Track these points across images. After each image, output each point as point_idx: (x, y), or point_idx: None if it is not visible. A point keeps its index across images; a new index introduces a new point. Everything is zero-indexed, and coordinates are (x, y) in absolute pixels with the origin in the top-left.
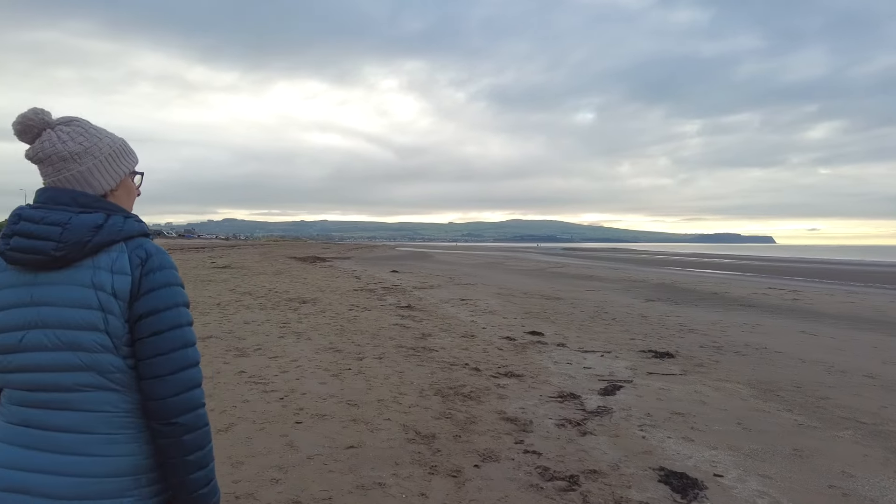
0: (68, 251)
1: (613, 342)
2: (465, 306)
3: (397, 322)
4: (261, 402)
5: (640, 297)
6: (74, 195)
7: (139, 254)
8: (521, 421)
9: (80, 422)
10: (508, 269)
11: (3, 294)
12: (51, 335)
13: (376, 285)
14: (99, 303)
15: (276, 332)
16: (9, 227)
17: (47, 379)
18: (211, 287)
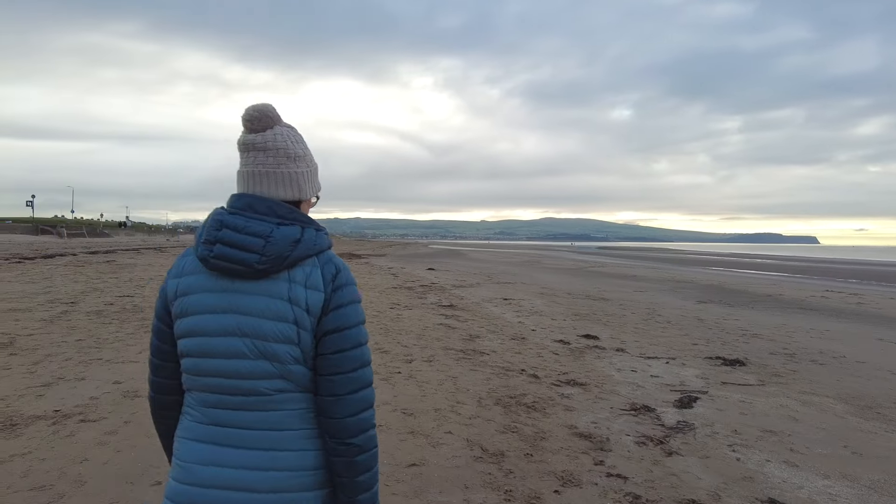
0: (270, 265)
1: (675, 347)
2: (509, 306)
3: (441, 322)
4: None
5: (691, 299)
6: (271, 205)
7: (330, 269)
8: (596, 437)
9: (272, 419)
10: (546, 268)
11: (201, 298)
12: (248, 343)
13: (415, 283)
14: (294, 317)
15: None
16: (210, 232)
17: (243, 384)
18: None
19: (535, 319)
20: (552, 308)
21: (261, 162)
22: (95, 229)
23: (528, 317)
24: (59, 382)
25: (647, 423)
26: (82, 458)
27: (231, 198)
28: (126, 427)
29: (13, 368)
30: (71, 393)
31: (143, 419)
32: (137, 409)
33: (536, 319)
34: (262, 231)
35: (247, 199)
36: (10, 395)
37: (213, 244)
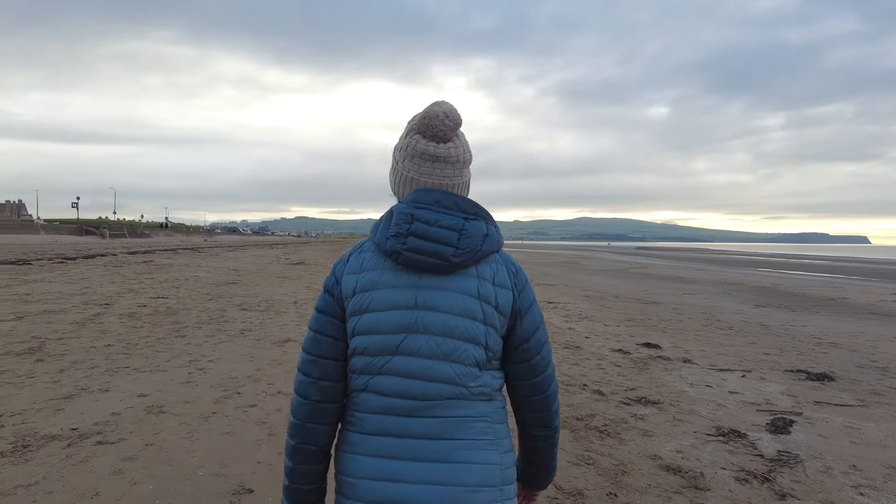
0: (465, 258)
1: (747, 358)
2: (556, 310)
3: None
4: None
5: (747, 302)
6: (456, 199)
7: (511, 267)
8: (687, 472)
9: (443, 429)
10: (587, 269)
11: (386, 293)
12: (431, 342)
13: None
14: (483, 315)
15: None
16: (401, 226)
17: (416, 387)
18: (287, 284)
19: (587, 325)
20: (602, 313)
21: (447, 175)
22: (136, 230)
23: (577, 322)
24: (81, 394)
25: (741, 453)
26: (93, 493)
27: (416, 193)
28: (146, 452)
29: (37, 377)
30: (92, 407)
31: (166, 441)
32: (160, 429)
33: (588, 325)
34: (454, 224)
35: (435, 195)
36: (28, 409)
37: (406, 237)
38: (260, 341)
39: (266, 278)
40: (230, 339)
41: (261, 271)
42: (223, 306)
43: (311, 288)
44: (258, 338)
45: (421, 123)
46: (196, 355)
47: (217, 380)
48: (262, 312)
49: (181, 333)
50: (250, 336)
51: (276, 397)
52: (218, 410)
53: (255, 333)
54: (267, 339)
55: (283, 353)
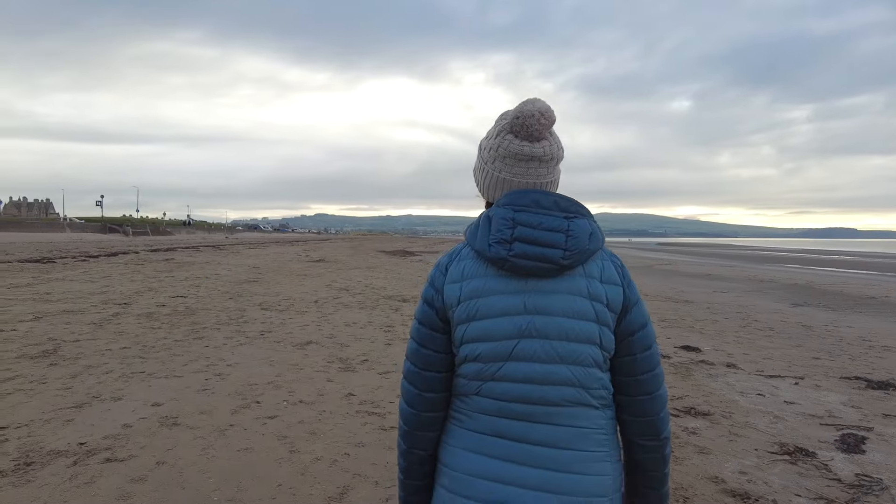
0: (574, 259)
1: (796, 363)
2: None
3: None
4: (379, 445)
5: (783, 301)
6: (555, 198)
7: (616, 262)
8: (757, 499)
9: (563, 437)
10: None
11: (494, 300)
12: (546, 346)
13: None
14: (595, 315)
15: (382, 338)
16: (504, 231)
17: (534, 391)
18: (307, 282)
19: None
20: None
21: (541, 174)
22: (159, 227)
23: None
24: (92, 403)
25: (814, 476)
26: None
27: (511, 195)
28: (157, 471)
29: (49, 383)
30: (103, 417)
31: (179, 458)
32: (174, 444)
33: None
34: (558, 226)
35: (532, 196)
36: (36, 420)
37: (511, 243)
38: (280, 343)
39: (286, 276)
40: (249, 340)
41: (281, 269)
42: (243, 306)
43: (332, 286)
44: (278, 339)
45: (514, 123)
46: (214, 359)
47: (235, 387)
48: (282, 312)
49: (199, 335)
50: (270, 338)
51: (298, 407)
52: (236, 422)
53: (275, 335)
54: (287, 341)
55: (304, 357)
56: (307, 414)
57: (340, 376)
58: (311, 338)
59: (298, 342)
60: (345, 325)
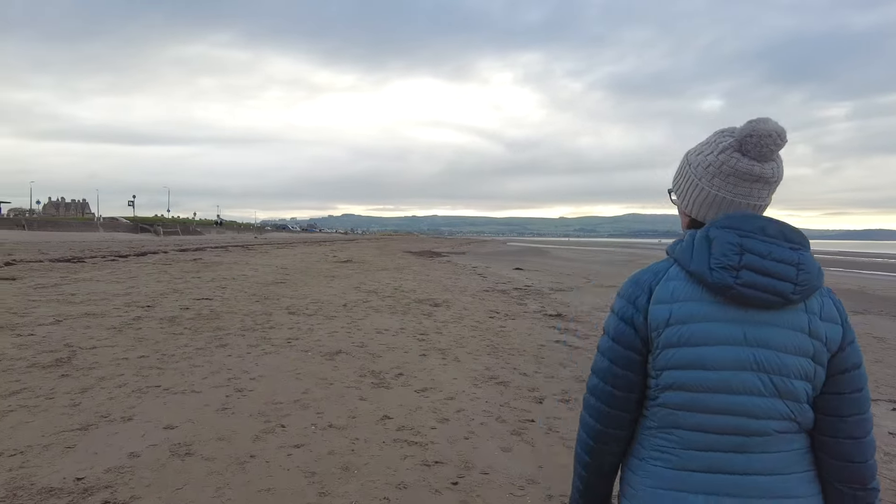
0: (802, 294)
1: (883, 382)
2: None
3: (557, 338)
4: (423, 486)
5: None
6: (781, 228)
7: (836, 300)
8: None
9: (780, 464)
10: (635, 265)
11: (711, 327)
12: (766, 380)
13: (507, 285)
14: (813, 352)
15: (416, 348)
16: (731, 257)
17: (752, 425)
18: (335, 283)
19: None
20: None
21: (762, 196)
22: (189, 227)
23: None
24: (100, 424)
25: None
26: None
27: (735, 218)
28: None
29: (56, 398)
30: (109, 443)
31: (189, 502)
32: (185, 480)
33: None
34: (789, 258)
35: (758, 222)
36: (34, 445)
37: (738, 270)
38: (308, 353)
39: (314, 277)
40: (275, 349)
41: (308, 270)
42: (269, 309)
43: (360, 288)
44: (306, 348)
45: (746, 141)
46: (237, 371)
47: (258, 405)
48: (310, 317)
49: (223, 342)
50: (297, 346)
51: (328, 433)
52: (257, 452)
53: (302, 343)
54: (315, 351)
55: (333, 369)
56: (339, 443)
57: (374, 393)
58: (341, 346)
59: (327, 352)
60: (376, 332)
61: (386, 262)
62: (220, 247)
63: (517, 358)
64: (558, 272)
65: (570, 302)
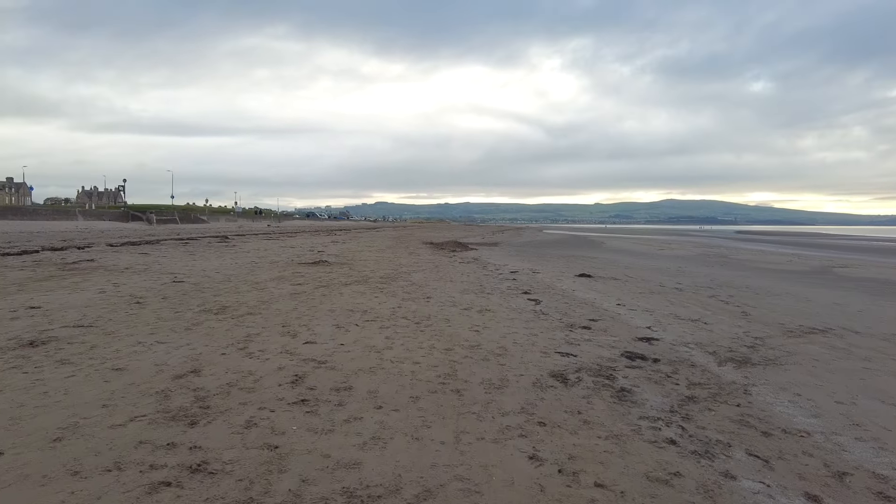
0: None
1: None
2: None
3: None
4: None
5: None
6: None
7: None
8: None
9: None
10: (756, 268)
11: None
12: None
13: (611, 345)
14: None
15: None
16: None
17: None
18: (243, 322)
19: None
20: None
21: None
22: (190, 215)
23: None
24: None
25: None
26: None
27: None
28: None
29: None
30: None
31: None
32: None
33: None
34: None
35: None
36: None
37: None
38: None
39: (236, 294)
40: None
41: (239, 277)
42: None
43: (247, 348)
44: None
45: None
46: None
47: None
48: None
49: None
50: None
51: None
52: None
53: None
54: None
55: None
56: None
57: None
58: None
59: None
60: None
61: (382, 262)
62: (210, 235)
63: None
64: (657, 285)
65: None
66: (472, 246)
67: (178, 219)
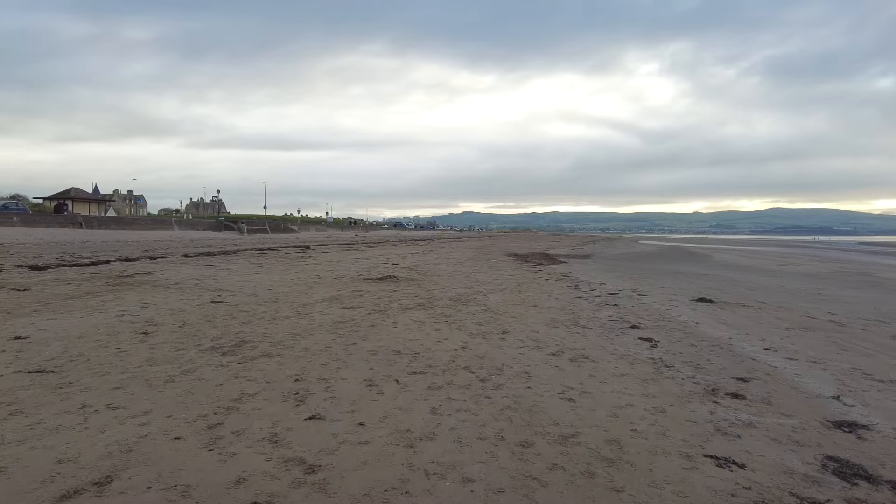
0: None
1: None
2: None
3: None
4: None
5: None
6: None
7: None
8: None
9: None
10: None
11: None
12: None
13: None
14: None
15: None
16: None
17: None
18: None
19: None
20: None
21: None
22: (280, 225)
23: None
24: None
25: None
26: None
27: None
28: None
29: None
30: None
31: None
32: None
33: None
34: None
35: None
36: None
37: None
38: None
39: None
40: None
41: (289, 297)
42: None
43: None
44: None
45: None
46: None
47: None
48: None
49: None
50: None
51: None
52: None
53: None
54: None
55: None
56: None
57: None
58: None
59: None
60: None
61: (457, 279)
62: (262, 249)
63: None
64: (804, 315)
65: None
66: (560, 259)
67: (269, 228)
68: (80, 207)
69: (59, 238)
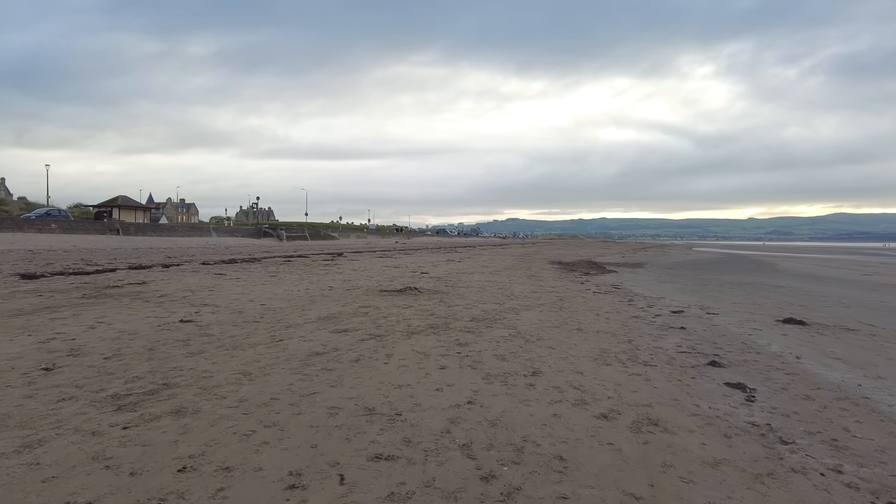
0: None
1: None
2: None
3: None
4: None
5: None
6: None
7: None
8: None
9: None
10: None
11: None
12: None
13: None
14: None
15: None
16: None
17: None
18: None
19: None
20: None
21: None
22: (320, 232)
23: None
24: None
25: None
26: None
27: None
28: None
29: None
30: None
31: None
32: None
33: None
34: None
35: None
36: None
37: None
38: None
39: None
40: None
41: (279, 314)
42: None
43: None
44: None
45: None
46: None
47: None
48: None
49: None
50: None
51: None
52: None
53: None
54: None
55: None
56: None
57: None
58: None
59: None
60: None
61: (488, 291)
62: (289, 256)
63: None
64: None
65: None
66: (609, 267)
67: (308, 235)
68: (126, 215)
69: (92, 245)
